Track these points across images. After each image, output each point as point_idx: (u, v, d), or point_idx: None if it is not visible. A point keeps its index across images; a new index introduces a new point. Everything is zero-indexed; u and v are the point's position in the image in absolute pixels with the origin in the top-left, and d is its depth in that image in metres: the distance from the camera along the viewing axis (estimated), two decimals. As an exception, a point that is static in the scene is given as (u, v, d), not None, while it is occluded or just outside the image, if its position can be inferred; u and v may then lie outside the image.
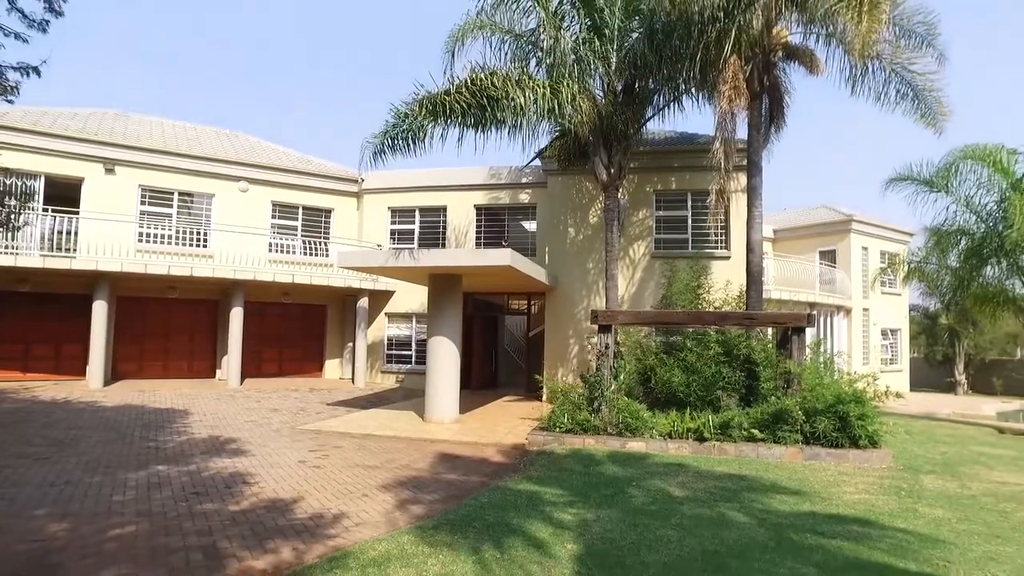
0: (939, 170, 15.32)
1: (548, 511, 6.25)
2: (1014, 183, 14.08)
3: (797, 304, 19.98)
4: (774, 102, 14.28)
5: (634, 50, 12.97)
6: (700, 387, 11.38)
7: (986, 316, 18.02)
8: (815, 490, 7.57)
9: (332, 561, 4.72)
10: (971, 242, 15.15)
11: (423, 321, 19.29)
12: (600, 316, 11.86)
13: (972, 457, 10.57)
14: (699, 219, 16.29)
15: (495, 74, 10.96)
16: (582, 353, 16.42)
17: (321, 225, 19.99)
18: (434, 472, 8.24)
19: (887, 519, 6.42)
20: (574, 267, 16.70)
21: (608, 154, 13.76)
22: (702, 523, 6.01)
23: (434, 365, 12.42)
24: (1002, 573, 4.94)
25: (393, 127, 11.94)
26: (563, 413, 10.83)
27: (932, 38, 13.73)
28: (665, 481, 7.77)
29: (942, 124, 14.47)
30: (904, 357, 27.28)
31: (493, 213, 19.25)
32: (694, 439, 10.02)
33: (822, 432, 9.72)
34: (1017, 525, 6.38)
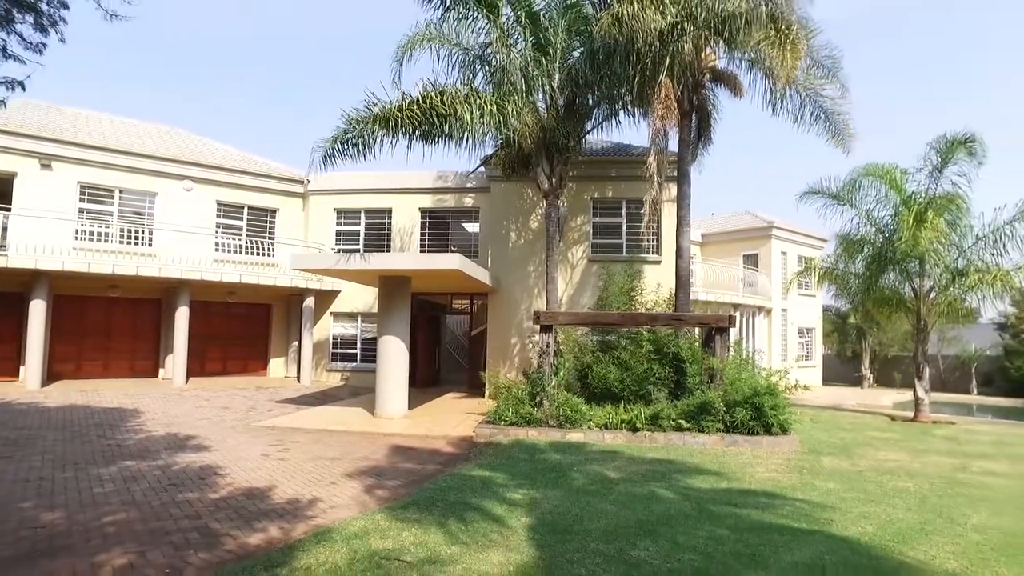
0: (845, 185, 17.01)
1: (501, 492, 7.07)
2: (905, 199, 15.84)
3: (722, 305, 21.52)
4: (702, 120, 15.53)
5: (576, 68, 13.90)
6: (633, 382, 12.47)
7: (884, 316, 20.02)
8: (732, 471, 8.68)
9: (317, 536, 5.38)
10: (872, 251, 16.86)
11: (368, 320, 19.81)
12: (542, 317, 12.79)
13: (865, 441, 12.04)
14: (633, 225, 17.44)
15: (445, 92, 11.70)
16: (523, 351, 17.32)
17: (266, 225, 20.17)
18: (392, 462, 8.93)
19: (789, 492, 7.55)
20: (516, 269, 17.57)
21: (550, 164, 14.69)
22: (635, 499, 6.96)
23: (384, 363, 13.04)
24: (869, 527, 6.10)
25: (344, 132, 12.50)
26: (507, 407, 11.68)
27: (836, 70, 15.30)
28: (602, 466, 8.72)
29: (849, 144, 16.00)
30: (818, 353, 29.52)
31: (438, 216, 19.91)
32: (628, 429, 11.04)
33: (740, 421, 10.92)
34: (888, 492, 7.69)
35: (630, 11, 11.82)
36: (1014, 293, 18.26)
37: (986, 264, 15.67)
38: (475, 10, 13.15)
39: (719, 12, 11.86)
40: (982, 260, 15.75)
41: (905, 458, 10.27)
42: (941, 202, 15.60)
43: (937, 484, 8.33)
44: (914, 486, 8.14)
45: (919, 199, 15.75)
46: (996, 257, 15.53)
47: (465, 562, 4.82)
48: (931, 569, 5.01)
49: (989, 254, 15.64)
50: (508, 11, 13.62)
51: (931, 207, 15.46)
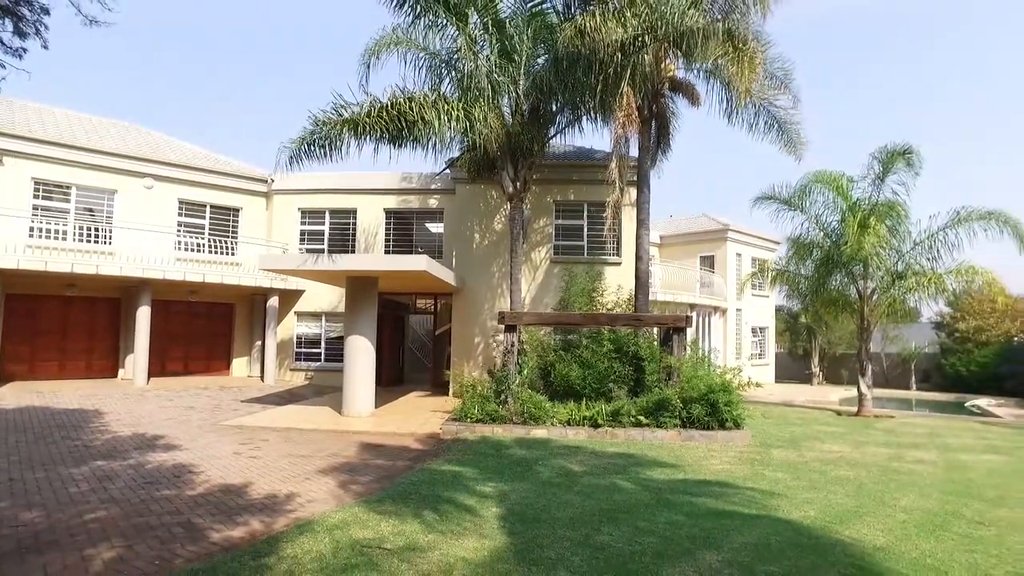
0: (795, 192, 17.84)
1: (471, 485, 7.43)
2: (850, 206, 16.72)
3: (680, 305, 22.22)
4: (661, 127, 16.11)
5: (541, 75, 14.28)
6: (594, 380, 12.96)
7: (832, 316, 21.02)
8: (688, 463, 9.22)
9: (300, 528, 5.66)
10: (821, 254, 17.72)
11: (333, 320, 19.89)
12: (506, 317, 13.19)
13: (813, 434, 12.77)
14: (595, 228, 17.95)
15: (413, 99, 11.97)
16: (487, 350, 17.67)
17: (230, 224, 20.04)
18: (363, 459, 9.19)
19: (741, 481, 8.11)
20: (480, 270, 17.90)
21: (514, 168, 15.06)
22: (598, 490, 7.40)
23: (352, 362, 13.23)
24: (811, 511, 6.68)
25: (311, 134, 12.66)
26: (473, 405, 12.04)
27: (789, 81, 16.04)
28: (566, 460, 9.16)
29: (801, 152, 16.76)
30: (770, 352, 30.62)
31: (402, 217, 20.11)
32: (589, 425, 11.52)
33: (697, 417, 11.49)
34: (830, 480, 8.33)
35: (592, 24, 12.25)
36: (948, 295, 19.45)
37: (923, 268, 16.65)
38: (444, 17, 13.41)
39: (678, 27, 12.38)
40: (919, 264, 16.73)
41: (847, 449, 10.99)
42: (883, 209, 16.51)
43: (874, 472, 9.02)
44: (853, 474, 8.80)
45: (863, 206, 16.63)
46: (931, 261, 16.54)
47: (442, 548, 5.17)
48: (862, 545, 5.57)
49: (925, 258, 16.64)
50: (475, 18, 13.92)
51: (874, 213, 16.34)
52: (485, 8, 13.66)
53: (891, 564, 5.12)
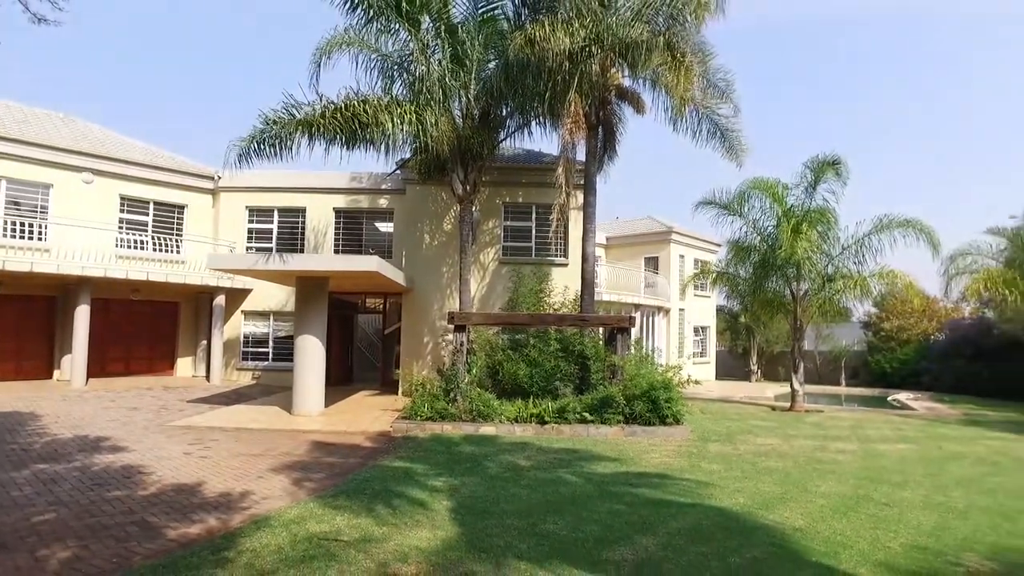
0: (735, 197, 18.67)
1: (422, 480, 7.71)
2: (785, 211, 17.63)
3: (625, 305, 22.91)
4: (608, 133, 16.63)
5: (491, 81, 14.61)
6: (541, 378, 13.38)
7: (768, 316, 22.05)
8: (630, 457, 9.71)
9: (256, 524, 5.83)
10: (758, 257, 18.61)
11: (281, 319, 19.75)
12: (456, 317, 13.48)
13: (747, 428, 13.49)
14: (542, 230, 18.37)
15: (367, 101, 12.13)
16: (436, 349, 17.89)
17: (174, 221, 19.61)
18: (314, 457, 9.33)
19: (678, 473, 8.63)
20: (429, 270, 18.10)
21: (464, 171, 15.33)
22: (544, 484, 7.78)
23: (302, 362, 13.27)
24: (741, 498, 7.22)
25: (261, 133, 12.67)
26: (423, 403, 12.29)
27: (730, 91, 16.75)
28: (514, 456, 9.51)
29: (742, 159, 17.38)
30: (712, 350, 31.78)
31: (352, 216, 20.10)
32: (536, 422, 11.91)
33: (639, 413, 12.03)
34: (761, 470, 8.95)
35: (542, 33, 12.63)
36: (873, 296, 20.71)
37: (850, 271, 17.71)
38: (397, 22, 13.57)
39: (623, 38, 12.92)
40: (847, 267, 17.79)
41: (778, 442, 11.71)
42: (815, 215, 17.46)
43: (800, 462, 9.71)
44: (782, 465, 9.45)
45: (797, 212, 17.56)
46: (858, 265, 17.63)
47: (396, 539, 5.44)
48: (783, 527, 6.12)
49: (852, 262, 17.72)
50: (428, 23, 14.12)
51: (806, 220, 17.27)
52: (438, 14, 13.88)
53: (807, 543, 5.66)
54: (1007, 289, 16.61)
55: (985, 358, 25.93)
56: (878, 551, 5.52)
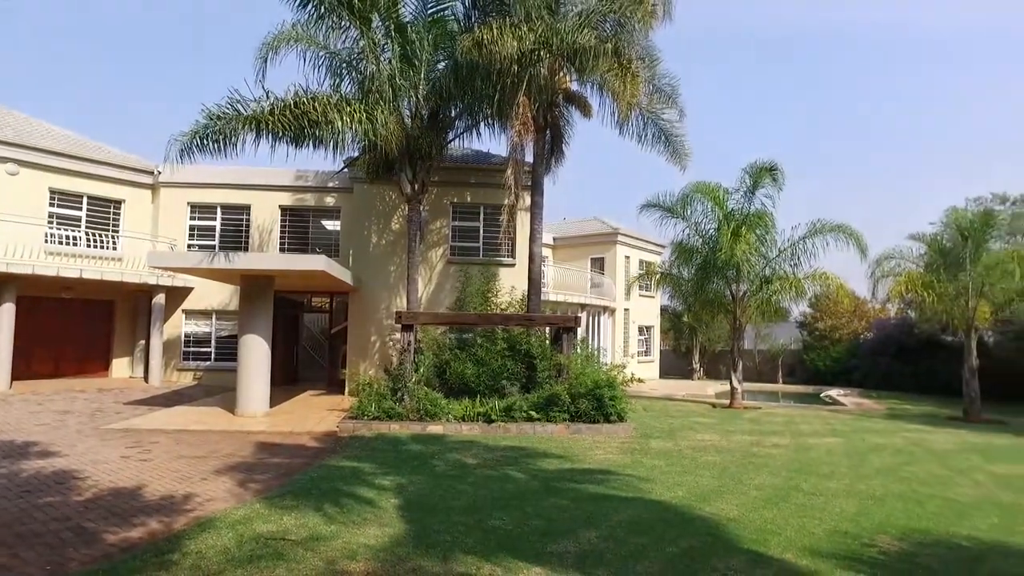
0: (678, 200, 19.23)
1: (369, 479, 7.75)
2: (726, 215, 18.26)
3: (571, 305, 23.28)
4: (556, 136, 16.89)
5: (441, 81, 14.67)
6: (488, 377, 13.53)
7: (710, 316, 22.77)
8: (575, 454, 9.95)
9: (201, 526, 5.77)
10: (700, 259, 19.22)
11: (224, 318, 19.32)
12: (404, 317, 13.52)
13: (689, 425, 13.95)
14: (490, 230, 18.50)
15: (317, 99, 12.02)
16: (383, 349, 17.82)
17: (110, 217, 18.88)
18: (259, 458, 9.23)
19: (621, 469, 8.90)
20: (377, 269, 18.01)
21: (413, 170, 15.33)
22: (491, 480, 7.94)
23: (246, 362, 13.06)
24: (680, 492, 7.54)
25: (204, 128, 12.38)
26: (370, 403, 12.27)
27: (676, 96, 17.20)
28: (461, 454, 9.63)
29: (685, 163, 17.85)
30: (656, 349, 32.56)
31: (298, 214, 19.82)
32: (483, 421, 12.06)
33: (584, 411, 12.31)
34: (700, 465, 9.33)
35: (490, 36, 12.74)
36: (808, 297, 21.66)
37: (786, 273, 18.50)
38: (348, 20, 13.48)
39: (571, 43, 13.16)
40: (783, 269, 18.58)
41: (717, 438, 12.17)
42: (753, 219, 18.16)
43: (737, 457, 10.14)
44: (719, 459, 9.86)
45: (737, 216, 18.21)
46: (793, 267, 18.46)
47: (345, 537, 5.49)
48: (718, 518, 6.44)
49: (788, 264, 18.52)
50: (378, 21, 14.05)
51: (745, 223, 17.95)
52: (387, 12, 13.84)
53: (739, 532, 5.98)
54: (926, 291, 17.64)
55: (907, 356, 27.43)
56: (804, 537, 5.88)
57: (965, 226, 17.70)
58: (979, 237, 17.46)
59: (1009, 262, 16.82)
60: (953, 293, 17.57)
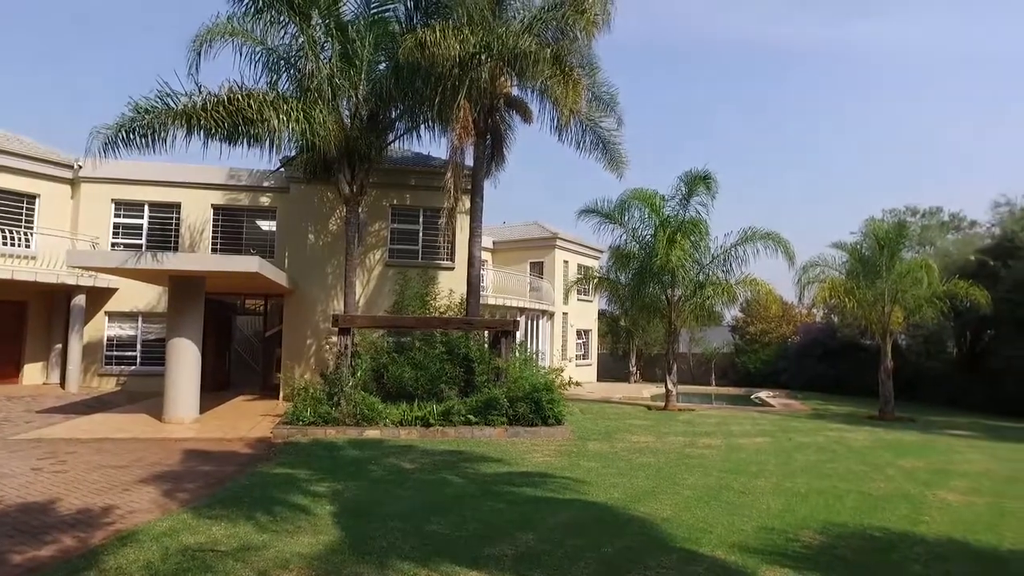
0: (616, 206, 19.58)
1: (304, 486, 7.56)
2: (662, 221, 18.69)
3: (510, 309, 23.36)
4: (496, 140, 16.96)
5: (381, 82, 14.48)
6: (427, 381, 13.43)
7: (646, 321, 23.26)
8: (513, 457, 9.98)
9: (122, 539, 5.48)
10: (637, 264, 19.60)
11: (151, 320, 18.51)
12: (341, 320, 13.29)
13: (625, 427, 14.19)
14: (430, 233, 18.37)
15: (253, 96, 11.67)
16: (320, 352, 17.45)
17: (23, 212, 17.77)
18: (188, 466, 8.88)
19: (558, 471, 8.99)
20: (313, 271, 17.63)
21: (352, 171, 15.08)
22: (428, 485, 7.88)
23: (175, 366, 12.54)
24: (616, 493, 7.67)
25: (131, 121, 11.85)
26: (306, 407, 12.01)
27: (614, 104, 17.54)
28: (398, 459, 9.53)
29: (622, 170, 18.28)
30: (593, 353, 33.03)
31: (232, 213, 19.19)
32: (421, 425, 11.97)
33: (522, 414, 12.38)
34: (635, 466, 9.52)
35: (432, 38, 12.69)
36: (739, 302, 22.44)
37: (719, 278, 19.08)
38: (287, 16, 13.16)
39: (512, 48, 13.24)
40: (716, 275, 19.15)
41: (652, 440, 12.43)
42: (688, 226, 18.62)
43: (671, 458, 10.39)
44: (654, 460, 10.07)
45: (672, 223, 18.65)
46: (726, 273, 19.04)
47: (277, 547, 5.34)
48: (652, 518, 6.59)
49: (721, 270, 19.10)
50: (318, 19, 13.79)
51: (680, 230, 18.39)
52: (328, 10, 13.61)
53: (673, 531, 6.13)
54: (847, 297, 18.62)
55: (831, 358, 28.81)
56: (733, 534, 6.08)
57: (882, 236, 18.79)
58: (894, 247, 18.59)
59: (919, 270, 18.03)
60: (871, 299, 18.58)
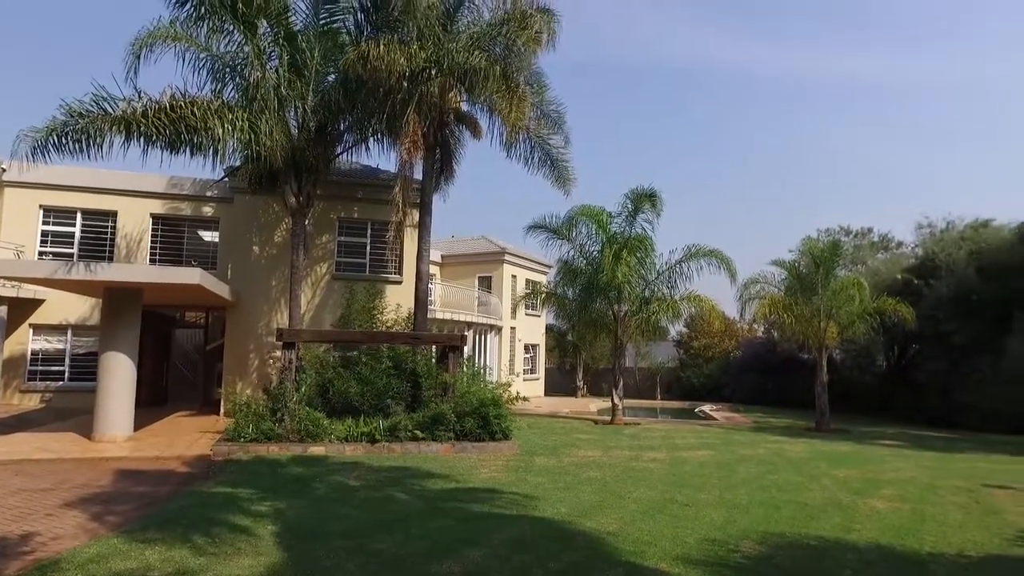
0: (564, 222, 19.85)
1: (245, 506, 7.33)
2: (608, 238, 19.02)
3: (458, 323, 23.29)
4: (446, 155, 16.95)
5: (330, 94, 14.32)
6: (373, 396, 13.25)
7: (593, 336, 23.55)
8: (460, 473, 9.92)
9: (42, 569, 5.12)
10: (584, 280, 19.86)
11: (82, 333, 17.69)
12: (285, 334, 13.00)
13: (571, 442, 14.28)
14: (377, 246, 18.19)
15: (196, 103, 11.36)
16: (263, 366, 17.00)
17: (-61, 218, 16.77)
18: (120, 487, 8.50)
19: (506, 487, 8.98)
20: (257, 284, 17.20)
21: (299, 183, 14.81)
22: (374, 503, 7.75)
23: (108, 382, 12.01)
24: (563, 508, 7.72)
25: (63, 125, 11.35)
26: (247, 424, 11.65)
27: (562, 123, 17.77)
28: (343, 476, 9.35)
29: (570, 187, 18.41)
30: (541, 367, 33.18)
31: (172, 223, 18.56)
32: (367, 441, 11.78)
33: (469, 430, 12.33)
34: (582, 481, 9.60)
35: (376, 52, 12.62)
36: (684, 318, 22.95)
37: (664, 294, 19.51)
38: (231, 23, 12.89)
39: (462, 64, 13.29)
40: (662, 291, 19.58)
41: (598, 454, 12.55)
42: (634, 242, 19.00)
43: (617, 472, 10.51)
44: (600, 475, 10.17)
45: (619, 239, 18.99)
46: (671, 289, 19.49)
47: (216, 569, 5.15)
48: (599, 532, 6.65)
49: (666, 287, 19.54)
50: (266, 27, 13.56)
51: (627, 247, 18.75)
52: (277, 19, 13.41)
53: (619, 544, 6.20)
54: (786, 313, 19.36)
55: (771, 372, 29.77)
56: (677, 547, 6.19)
57: (817, 254, 19.62)
58: (829, 264, 19.45)
59: (852, 288, 18.92)
60: (808, 315, 19.33)
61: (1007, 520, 8.00)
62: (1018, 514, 8.39)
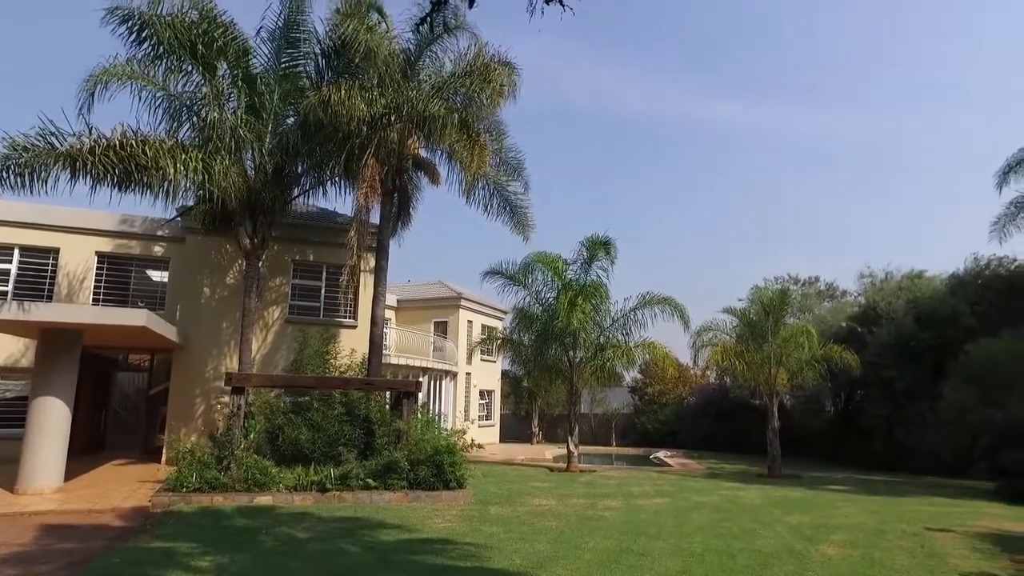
0: (520, 269, 20.02)
1: (185, 561, 6.96)
2: (564, 284, 19.22)
3: (413, 369, 23.01)
4: (403, 200, 17.05)
5: (288, 137, 14.29)
6: (324, 444, 12.89)
7: (548, 382, 23.52)
8: (413, 523, 9.66)
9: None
10: (540, 326, 19.94)
11: (11, 376, 16.72)
12: (234, 379, 12.61)
13: (527, 490, 14.09)
14: (332, 290, 17.93)
15: (148, 142, 11.17)
16: (209, 412, 16.40)
17: None
18: (43, 544, 7.95)
19: (460, 537, 8.77)
20: (207, 326, 16.72)
21: (253, 224, 14.63)
22: (323, 556, 7.47)
23: (37, 428, 11.34)
24: (518, 559, 7.55)
25: (4, 159, 10.99)
26: (191, 472, 11.16)
27: (521, 170, 18.13)
28: (291, 527, 9.00)
29: (528, 233, 18.72)
30: (496, 413, 32.88)
31: (119, 262, 17.93)
32: (317, 490, 11.40)
33: (423, 478, 12.05)
34: (537, 530, 9.44)
35: (337, 97, 12.76)
36: (638, 364, 23.17)
37: (619, 341, 19.70)
38: (190, 64, 12.84)
39: (422, 111, 13.49)
40: (616, 338, 19.77)
41: (554, 502, 12.40)
42: (590, 289, 19.23)
43: (572, 521, 10.38)
44: (556, 524, 10.03)
45: (575, 286, 19.20)
46: (625, 336, 19.71)
47: (149, 631, 4.85)
48: (554, 584, 6.50)
49: (621, 333, 19.75)
50: (225, 69, 13.55)
51: (582, 293, 18.95)
52: (236, 61, 13.43)
53: (574, 597, 6.08)
54: (737, 360, 19.75)
55: (724, 418, 30.12)
56: (633, 599, 6.10)
57: (767, 302, 20.16)
58: (778, 312, 19.98)
59: (801, 335, 19.43)
60: (759, 361, 19.74)
61: (950, 564, 8.17)
62: (960, 557, 8.58)
